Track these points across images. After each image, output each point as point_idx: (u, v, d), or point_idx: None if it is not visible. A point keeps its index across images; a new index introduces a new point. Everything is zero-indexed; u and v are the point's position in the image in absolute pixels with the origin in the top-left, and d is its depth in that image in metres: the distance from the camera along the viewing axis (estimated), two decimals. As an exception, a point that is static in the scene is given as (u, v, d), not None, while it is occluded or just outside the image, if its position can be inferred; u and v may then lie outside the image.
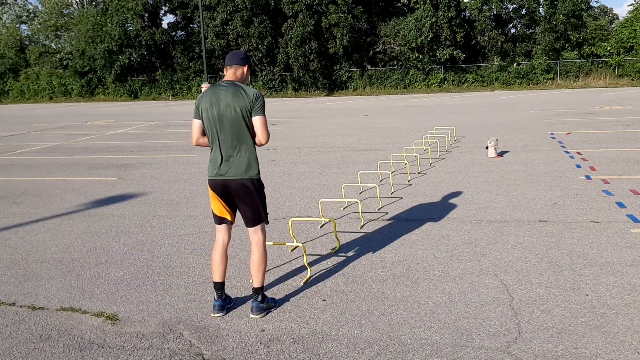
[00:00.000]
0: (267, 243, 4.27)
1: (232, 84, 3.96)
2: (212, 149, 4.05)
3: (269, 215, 4.37)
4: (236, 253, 5.43)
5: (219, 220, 4.20)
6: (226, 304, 4.17)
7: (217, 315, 4.08)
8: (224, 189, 4.07)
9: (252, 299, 4.11)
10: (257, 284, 4.07)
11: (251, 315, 4.05)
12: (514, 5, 35.11)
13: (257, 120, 3.94)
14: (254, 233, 4.14)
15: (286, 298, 4.36)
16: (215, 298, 4.12)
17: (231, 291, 4.49)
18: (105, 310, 4.25)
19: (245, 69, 4.05)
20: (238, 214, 4.25)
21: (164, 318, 4.08)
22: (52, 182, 9.46)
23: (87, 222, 6.83)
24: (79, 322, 4.07)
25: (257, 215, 4.10)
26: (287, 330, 3.82)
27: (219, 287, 4.12)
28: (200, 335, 3.80)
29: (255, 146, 4.03)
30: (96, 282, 4.84)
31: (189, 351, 3.59)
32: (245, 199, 4.05)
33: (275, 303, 4.22)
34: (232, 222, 4.22)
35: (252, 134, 4.00)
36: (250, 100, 3.90)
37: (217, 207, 4.17)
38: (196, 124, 4.05)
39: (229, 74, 4.03)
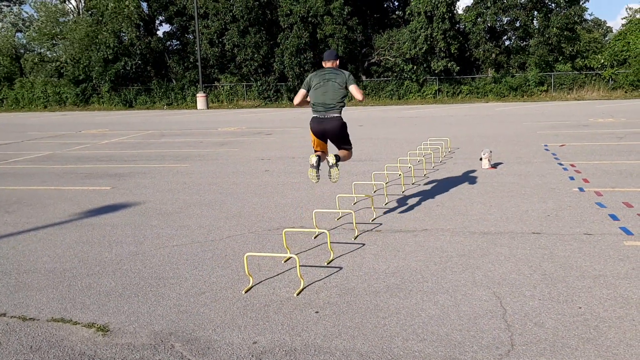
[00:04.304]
0: (261, 254, 4.28)
1: (334, 69, 6.29)
2: (316, 104, 6.21)
3: (265, 226, 4.40)
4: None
5: (319, 147, 6.42)
6: (320, 159, 6.29)
7: (314, 165, 6.21)
8: (324, 132, 6.24)
9: (335, 156, 6.29)
10: (340, 155, 6.36)
11: (330, 155, 6.27)
12: (508, 18, 35.37)
13: (352, 87, 6.17)
14: (345, 150, 6.45)
15: (279, 310, 4.34)
16: (314, 154, 6.29)
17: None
18: (97, 321, 4.22)
19: (337, 62, 6.39)
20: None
21: (156, 329, 4.05)
22: (45, 191, 9.42)
23: (80, 232, 6.80)
24: (69, 333, 4.04)
25: (345, 145, 6.41)
26: (279, 343, 3.80)
27: (319, 156, 6.26)
28: (191, 347, 3.77)
29: (344, 105, 6.25)
30: (88, 293, 4.81)
31: (180, 363, 3.57)
32: (338, 138, 6.32)
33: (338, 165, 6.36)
34: (326, 152, 6.44)
35: (344, 96, 6.17)
36: (346, 77, 6.19)
37: (316, 142, 6.38)
38: (302, 92, 6.38)
39: (329, 64, 6.33)
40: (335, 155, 6.33)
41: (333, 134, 6.27)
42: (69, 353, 3.74)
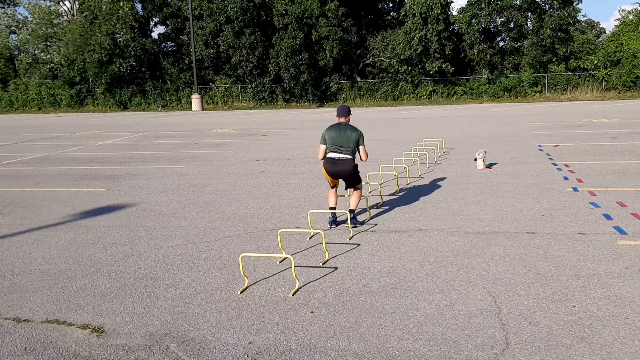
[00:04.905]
0: (256, 254, 4.27)
1: (348, 124, 6.85)
2: (331, 149, 6.71)
3: (260, 227, 4.39)
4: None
5: (332, 184, 6.90)
6: (336, 221, 6.76)
7: (331, 227, 6.68)
8: (338, 174, 6.72)
9: (352, 219, 6.60)
10: (352, 207, 6.72)
11: (347, 225, 6.57)
12: (502, 19, 35.46)
13: (361, 148, 6.78)
14: (355, 189, 6.86)
15: (274, 310, 4.34)
16: (330, 217, 6.80)
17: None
18: (91, 322, 4.21)
19: (350, 117, 6.99)
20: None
21: (151, 330, 4.05)
22: (40, 193, 9.39)
23: (74, 234, 6.78)
24: (64, 334, 4.03)
25: (356, 184, 6.82)
26: (274, 343, 3.80)
27: (333, 209, 6.79)
28: (187, 348, 3.77)
29: (355, 155, 6.75)
30: (82, 294, 4.80)
31: (176, 364, 3.56)
32: (350, 179, 6.75)
33: (358, 225, 6.70)
34: (337, 183, 6.94)
35: (355, 150, 6.74)
36: (359, 135, 6.76)
37: (330, 180, 6.85)
38: (323, 147, 6.81)
39: (343, 119, 6.89)
40: (351, 216, 6.64)
41: (346, 175, 6.70)
42: (63, 354, 3.73)
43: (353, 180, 6.76)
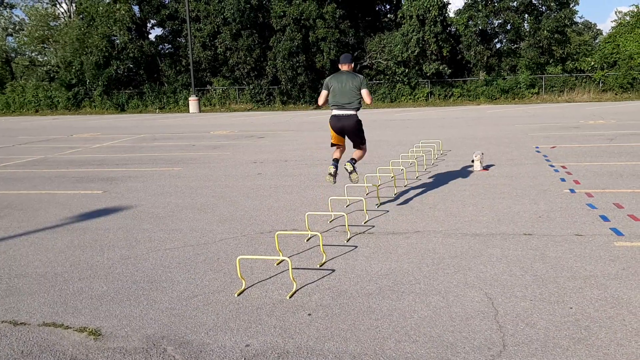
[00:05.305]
0: (253, 256, 4.27)
1: (350, 73, 7.10)
2: (335, 104, 7.10)
3: (257, 229, 4.38)
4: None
5: (336, 146, 7.33)
6: (337, 167, 7.22)
7: (331, 165, 7.21)
8: (342, 129, 7.11)
9: (350, 160, 7.17)
10: (354, 156, 7.26)
11: (346, 162, 7.15)
12: (499, 21, 35.55)
13: (364, 92, 7.03)
14: (360, 149, 7.36)
15: (271, 312, 4.33)
16: (332, 164, 7.24)
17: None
18: (88, 325, 4.20)
19: (352, 65, 7.19)
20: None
21: (148, 333, 4.04)
22: (37, 196, 9.37)
23: (71, 236, 6.77)
24: (61, 337, 4.02)
25: (360, 141, 7.28)
26: (271, 345, 3.80)
27: (336, 160, 7.27)
28: (184, 351, 3.76)
29: (360, 105, 7.09)
30: (79, 297, 4.79)
31: (173, 367, 3.56)
32: (354, 134, 7.17)
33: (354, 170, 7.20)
34: (343, 147, 7.38)
35: (359, 103, 7.06)
36: (360, 82, 7.01)
37: (335, 137, 7.24)
38: (325, 93, 7.23)
39: (345, 67, 7.14)
40: (351, 160, 7.17)
41: (350, 130, 7.08)
42: (60, 357, 3.72)
43: (357, 136, 7.16)
